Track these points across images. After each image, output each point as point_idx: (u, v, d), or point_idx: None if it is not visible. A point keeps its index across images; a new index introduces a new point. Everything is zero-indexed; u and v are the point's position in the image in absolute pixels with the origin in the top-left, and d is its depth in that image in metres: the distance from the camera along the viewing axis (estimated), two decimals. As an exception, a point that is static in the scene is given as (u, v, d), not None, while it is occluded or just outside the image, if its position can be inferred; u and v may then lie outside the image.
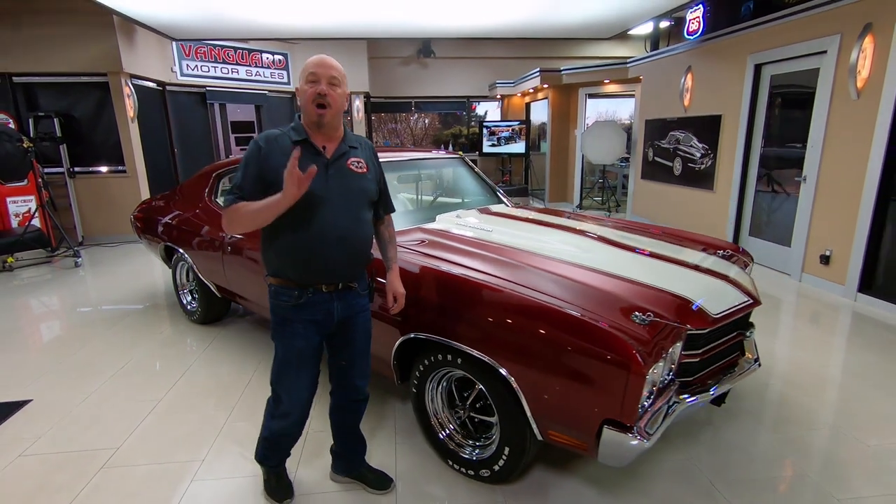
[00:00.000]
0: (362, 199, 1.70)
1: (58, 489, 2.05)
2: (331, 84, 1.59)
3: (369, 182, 1.73)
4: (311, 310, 1.68)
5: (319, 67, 1.59)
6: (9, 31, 6.05)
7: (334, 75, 1.60)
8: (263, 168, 1.59)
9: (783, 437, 2.35)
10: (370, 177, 1.74)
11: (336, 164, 1.65)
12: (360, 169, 1.70)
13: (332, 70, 1.60)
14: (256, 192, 1.57)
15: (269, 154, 1.60)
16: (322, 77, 1.58)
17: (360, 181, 1.69)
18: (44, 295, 4.68)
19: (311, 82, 1.59)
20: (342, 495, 2.01)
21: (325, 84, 1.58)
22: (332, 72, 1.60)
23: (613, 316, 1.71)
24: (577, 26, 6.44)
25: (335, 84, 1.60)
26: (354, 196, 1.67)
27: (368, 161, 1.75)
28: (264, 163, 1.59)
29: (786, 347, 3.33)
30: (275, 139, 1.63)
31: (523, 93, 10.18)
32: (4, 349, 3.45)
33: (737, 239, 5.60)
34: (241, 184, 1.60)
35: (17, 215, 5.96)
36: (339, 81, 1.62)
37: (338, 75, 1.61)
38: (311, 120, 1.61)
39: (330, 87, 1.58)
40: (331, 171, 1.63)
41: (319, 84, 1.57)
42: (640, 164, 7.51)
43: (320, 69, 1.58)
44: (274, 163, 1.57)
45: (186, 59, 7.78)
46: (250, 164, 1.61)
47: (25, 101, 6.39)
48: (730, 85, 5.51)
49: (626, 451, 1.58)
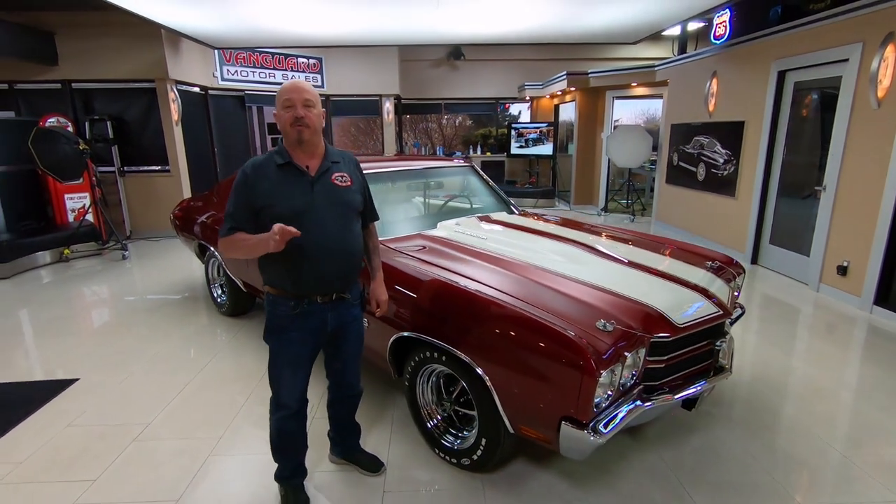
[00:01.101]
0: (349, 211, 1.86)
1: (96, 456, 2.37)
2: (306, 106, 1.74)
3: (354, 194, 1.88)
4: (307, 319, 1.83)
5: (293, 93, 1.73)
6: (70, 42, 6.62)
7: (308, 98, 1.74)
8: (251, 196, 1.73)
9: (763, 444, 2.43)
10: (354, 188, 1.89)
11: (321, 181, 1.81)
12: (345, 183, 1.85)
13: (305, 94, 1.74)
14: (247, 219, 1.73)
15: (255, 181, 1.74)
16: (297, 102, 1.72)
17: (345, 194, 1.85)
18: (94, 284, 5.16)
19: (287, 108, 1.72)
20: (338, 475, 2.25)
21: (301, 107, 1.72)
22: (306, 95, 1.75)
23: (579, 322, 1.86)
24: (602, 31, 6.48)
25: (310, 106, 1.75)
26: (341, 209, 1.83)
27: (352, 174, 1.90)
28: (251, 190, 1.73)
29: (789, 357, 3.35)
30: (261, 165, 1.77)
31: (552, 94, 10.22)
32: (58, 333, 3.88)
33: (757, 247, 5.55)
34: (232, 212, 1.74)
35: (73, 210, 6.53)
36: (313, 103, 1.77)
37: (311, 98, 1.76)
38: (292, 139, 1.76)
39: (305, 109, 1.73)
40: (316, 188, 1.79)
41: (295, 108, 1.71)
42: (666, 168, 7.47)
43: (294, 94, 1.72)
44: (261, 189, 1.73)
45: (227, 64, 8.24)
46: (239, 193, 1.74)
47: (83, 105, 6.97)
48: (753, 91, 5.46)
49: (582, 446, 1.74)
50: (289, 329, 1.85)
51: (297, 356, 1.88)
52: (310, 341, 1.89)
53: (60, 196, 6.53)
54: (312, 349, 1.91)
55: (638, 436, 2.50)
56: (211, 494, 2.12)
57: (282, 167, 1.78)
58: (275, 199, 1.74)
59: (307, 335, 1.87)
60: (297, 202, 1.75)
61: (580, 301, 2.03)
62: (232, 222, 1.75)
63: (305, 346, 1.88)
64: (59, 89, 6.79)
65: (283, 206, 1.73)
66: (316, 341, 1.91)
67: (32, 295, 4.81)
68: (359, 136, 13.68)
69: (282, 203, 1.74)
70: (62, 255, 5.95)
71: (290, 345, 1.86)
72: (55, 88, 6.79)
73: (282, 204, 1.74)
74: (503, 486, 2.16)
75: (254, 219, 1.75)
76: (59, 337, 3.81)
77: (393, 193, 3.22)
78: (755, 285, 5.02)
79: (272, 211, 1.72)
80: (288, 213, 1.72)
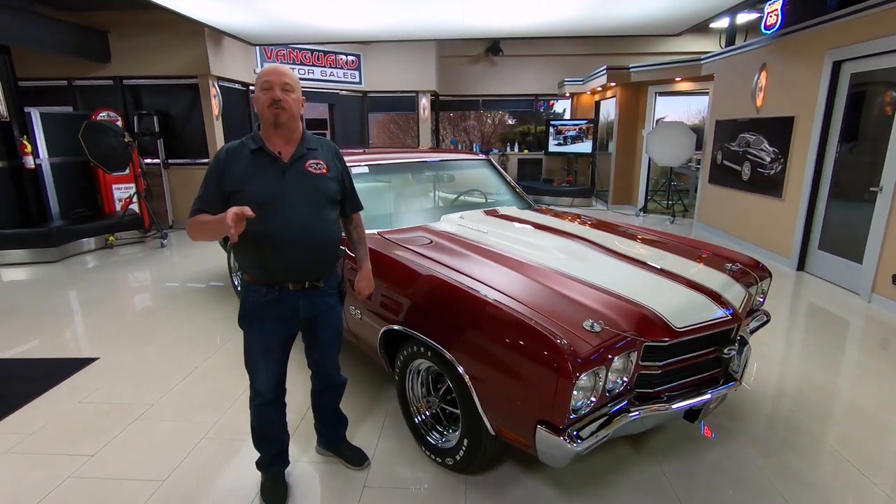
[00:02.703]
0: (322, 198, 1.81)
1: (99, 432, 2.46)
2: (284, 90, 1.71)
3: (329, 182, 1.84)
4: (278, 307, 1.81)
5: (272, 75, 1.70)
6: (121, 40, 6.99)
7: (287, 81, 1.72)
8: (221, 179, 1.71)
9: (781, 465, 2.22)
10: (331, 176, 1.84)
11: (294, 167, 1.77)
12: (320, 170, 1.81)
13: (284, 77, 1.72)
14: (216, 203, 1.70)
15: (227, 166, 1.72)
16: (275, 84, 1.69)
17: (318, 182, 1.81)
18: (134, 270, 5.42)
19: (266, 90, 1.69)
20: (321, 466, 2.22)
21: (279, 90, 1.69)
22: (285, 78, 1.71)
23: (565, 321, 1.75)
24: (641, 22, 6.20)
25: (288, 90, 1.72)
26: (313, 196, 1.79)
27: (329, 162, 1.86)
28: (222, 174, 1.72)
29: (828, 372, 3.06)
30: (234, 150, 1.75)
31: (592, 90, 9.90)
32: (90, 313, 4.09)
33: (804, 252, 5.14)
34: (201, 195, 1.74)
35: (120, 200, 6.90)
36: (291, 87, 1.73)
37: (290, 81, 1.73)
38: (269, 122, 1.73)
39: (283, 92, 1.70)
40: (288, 175, 1.76)
41: (273, 90, 1.69)
42: (709, 167, 7.07)
43: (273, 77, 1.69)
44: (231, 173, 1.71)
45: (268, 61, 8.47)
46: (210, 176, 1.74)
47: (133, 100, 7.34)
48: (805, 84, 5.06)
49: (559, 452, 1.63)
50: (261, 315, 1.83)
51: (270, 343, 1.86)
52: (281, 329, 1.87)
53: (109, 186, 6.92)
54: (285, 337, 1.89)
55: (641, 446, 2.34)
56: (195, 476, 2.15)
57: (254, 152, 1.76)
58: (245, 183, 1.72)
59: (279, 322, 1.85)
60: (266, 188, 1.73)
61: (571, 299, 1.91)
62: (199, 205, 1.74)
63: (277, 334, 1.86)
64: (111, 85, 7.18)
65: (252, 191, 1.71)
66: (288, 329, 1.89)
67: (76, 277, 5.11)
68: (398, 132, 13.78)
69: (251, 188, 1.72)
70: (107, 241, 6.29)
71: (262, 332, 1.85)
72: (107, 85, 7.19)
73: (251, 189, 1.72)
74: (487, 489, 2.07)
75: (223, 203, 1.71)
76: (91, 317, 4.01)
77: (399, 185, 3.18)
78: (801, 293, 4.65)
79: (242, 196, 1.70)
80: (257, 198, 1.70)
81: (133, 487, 2.08)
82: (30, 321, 3.94)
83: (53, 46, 6.18)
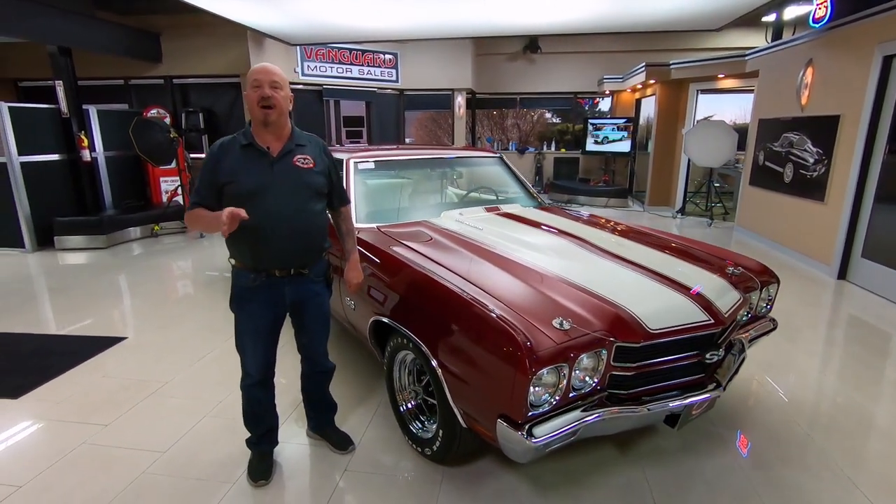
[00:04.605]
0: (308, 191, 1.91)
1: (116, 405, 2.66)
2: (273, 87, 1.80)
3: (316, 176, 1.93)
4: (265, 292, 1.92)
5: (261, 74, 1.79)
6: (172, 41, 7.43)
7: (275, 80, 1.81)
8: (216, 173, 1.82)
9: (773, 478, 2.13)
10: (317, 170, 1.94)
11: (282, 162, 1.87)
12: (307, 165, 1.91)
13: (272, 75, 1.81)
14: (210, 194, 1.83)
15: (219, 159, 1.83)
16: (264, 82, 1.78)
17: (305, 176, 1.90)
18: (173, 259, 5.77)
19: (255, 87, 1.79)
20: (308, 449, 2.32)
21: (268, 88, 1.79)
22: (274, 76, 1.81)
23: (536, 318, 1.75)
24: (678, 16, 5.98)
25: (277, 87, 1.81)
26: (300, 189, 1.89)
27: (317, 157, 1.95)
28: (216, 168, 1.82)
29: (850, 387, 2.88)
30: (227, 145, 1.86)
31: (632, 88, 9.63)
32: (127, 296, 4.40)
33: (846, 260, 4.82)
34: (198, 188, 1.86)
35: (167, 192, 7.34)
36: (280, 85, 1.82)
37: (279, 80, 1.82)
38: (259, 120, 1.83)
39: (272, 89, 1.80)
40: (276, 168, 1.86)
41: (262, 88, 1.79)
42: (751, 168, 6.74)
43: (262, 75, 1.79)
44: (224, 166, 1.82)
45: (307, 60, 8.76)
46: (205, 170, 1.84)
47: (181, 98, 7.79)
48: (853, 80, 4.74)
49: (519, 447, 1.64)
50: (249, 299, 1.95)
51: (258, 326, 1.97)
52: (268, 313, 1.97)
53: (157, 179, 7.38)
54: (272, 321, 2.00)
55: (627, 448, 2.31)
56: (192, 450, 2.30)
57: (245, 147, 1.87)
58: (235, 176, 1.83)
59: (266, 307, 1.96)
60: (255, 180, 1.83)
61: (548, 297, 1.91)
62: (196, 198, 1.88)
63: (265, 318, 1.97)
64: (162, 84, 7.65)
65: (242, 183, 1.82)
66: (275, 313, 1.99)
67: (121, 263, 5.50)
68: (436, 130, 13.89)
69: (241, 180, 1.83)
70: (152, 231, 6.71)
71: (250, 315, 1.96)
72: (159, 84, 7.66)
73: (241, 181, 1.82)
74: (462, 481, 2.10)
75: (217, 195, 1.85)
76: (127, 300, 4.32)
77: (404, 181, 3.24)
78: (839, 304, 4.38)
79: (232, 188, 1.82)
80: (246, 190, 1.82)
81: (136, 456, 2.25)
82: (74, 301, 4.29)
83: (110, 48, 6.66)
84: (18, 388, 2.82)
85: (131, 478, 2.11)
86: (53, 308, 4.16)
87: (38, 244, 6.03)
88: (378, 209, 2.95)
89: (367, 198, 2.96)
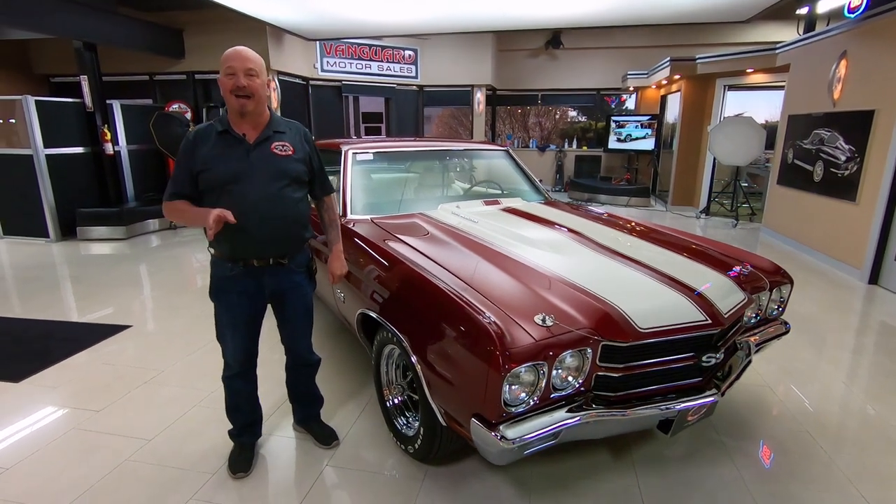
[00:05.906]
0: (285, 179, 1.85)
1: (110, 391, 2.68)
2: (248, 75, 1.73)
3: (295, 163, 1.87)
4: (243, 282, 1.87)
5: (236, 61, 1.73)
6: (194, 37, 7.56)
7: (251, 66, 1.74)
8: (191, 161, 1.77)
9: (771, 492, 1.98)
10: (297, 158, 1.88)
11: (259, 149, 1.82)
12: (285, 152, 1.85)
13: (248, 62, 1.74)
14: (186, 182, 1.79)
15: (195, 147, 1.78)
16: (239, 70, 1.72)
17: (283, 163, 1.84)
18: (188, 251, 5.85)
19: (230, 75, 1.72)
20: (293, 442, 2.28)
21: (243, 76, 1.72)
22: (249, 63, 1.74)
23: (518, 314, 1.66)
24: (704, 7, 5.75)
25: (252, 75, 1.75)
26: (277, 177, 1.83)
27: (296, 144, 1.89)
28: (191, 155, 1.78)
29: (871, 399, 2.69)
30: (203, 132, 1.81)
31: (657, 84, 9.34)
32: (138, 286, 4.47)
33: (878, 263, 4.55)
34: (174, 177, 1.82)
35: (186, 186, 7.46)
36: (255, 72, 1.76)
37: (254, 66, 1.75)
38: (235, 109, 1.78)
39: (248, 77, 1.73)
40: (253, 156, 1.80)
41: (237, 77, 1.72)
42: (779, 167, 6.44)
43: (237, 62, 1.72)
44: (199, 154, 1.77)
45: (327, 56, 8.79)
46: (181, 159, 1.80)
47: (203, 93, 7.92)
48: (889, 74, 4.46)
49: (493, 448, 1.55)
50: (227, 290, 1.90)
51: (237, 317, 1.93)
52: (247, 304, 1.92)
53: (177, 172, 7.50)
54: (251, 312, 1.95)
55: (622, 453, 2.19)
56: (178, 437, 2.29)
57: (221, 134, 1.82)
58: (211, 163, 1.78)
59: (244, 297, 1.91)
60: (231, 168, 1.79)
61: (534, 292, 1.81)
62: (173, 187, 1.83)
63: (243, 309, 1.92)
64: (185, 79, 7.79)
65: (217, 170, 1.78)
66: (254, 304, 1.94)
67: (137, 254, 5.61)
68: (457, 127, 13.80)
69: (217, 168, 1.78)
70: (171, 223, 6.83)
71: (229, 306, 1.92)
72: (181, 79, 7.80)
73: (217, 168, 1.78)
74: (445, 480, 2.02)
75: (193, 183, 1.80)
76: (137, 289, 4.39)
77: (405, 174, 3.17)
78: (869, 310, 4.13)
79: (208, 175, 1.78)
80: (222, 178, 1.77)
81: (121, 443, 2.24)
82: (88, 289, 4.38)
83: (134, 44, 6.80)
84: (21, 372, 2.87)
85: (113, 465, 2.10)
86: (67, 296, 4.26)
87: (62, 234, 6.21)
88: (375, 201, 2.90)
89: (365, 190, 2.90)
